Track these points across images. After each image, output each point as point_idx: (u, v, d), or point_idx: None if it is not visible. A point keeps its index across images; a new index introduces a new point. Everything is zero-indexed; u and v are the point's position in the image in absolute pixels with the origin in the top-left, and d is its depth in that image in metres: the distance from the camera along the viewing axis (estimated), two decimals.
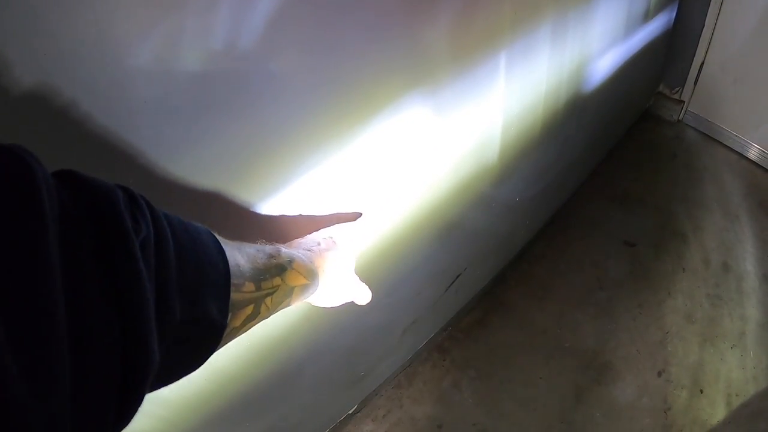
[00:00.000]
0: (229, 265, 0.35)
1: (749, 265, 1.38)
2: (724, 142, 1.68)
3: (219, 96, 0.47)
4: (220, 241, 0.35)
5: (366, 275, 0.63)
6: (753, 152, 1.61)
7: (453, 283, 1.16)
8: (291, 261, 0.45)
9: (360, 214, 0.69)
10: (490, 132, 0.93)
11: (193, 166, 0.49)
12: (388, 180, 0.75)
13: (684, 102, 1.76)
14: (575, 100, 1.18)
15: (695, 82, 1.70)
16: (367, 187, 0.71)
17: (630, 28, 1.27)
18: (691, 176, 1.65)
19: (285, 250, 0.46)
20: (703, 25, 1.55)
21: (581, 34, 1.04)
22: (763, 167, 1.59)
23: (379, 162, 0.71)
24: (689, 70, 1.69)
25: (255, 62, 0.48)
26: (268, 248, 0.44)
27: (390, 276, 0.89)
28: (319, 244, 0.55)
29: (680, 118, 1.80)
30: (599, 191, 1.63)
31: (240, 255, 0.38)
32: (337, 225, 0.62)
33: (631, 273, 1.42)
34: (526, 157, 1.12)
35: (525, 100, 0.98)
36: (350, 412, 1.19)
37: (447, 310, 1.28)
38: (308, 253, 0.51)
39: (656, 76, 1.78)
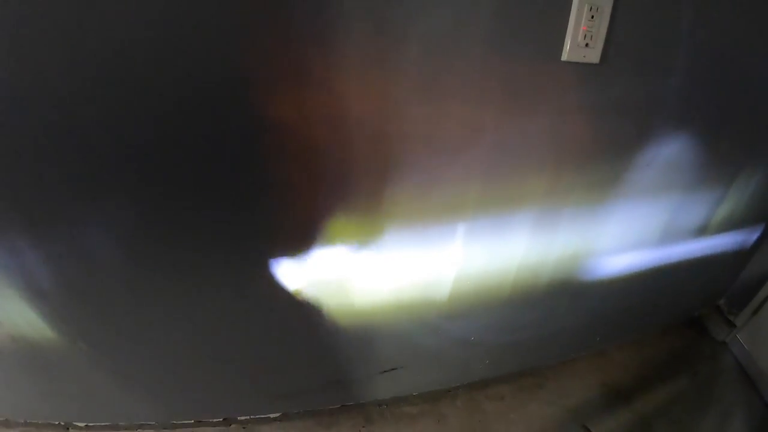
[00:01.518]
0: None
1: None
2: (757, 386, 1.53)
3: None
4: None
5: None
6: None
7: (387, 371, 1.35)
8: None
9: None
10: (439, 277, 1.12)
11: None
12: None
13: (735, 326, 1.64)
14: (565, 283, 1.27)
15: (754, 312, 1.58)
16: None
17: (670, 238, 1.30)
18: (698, 403, 1.53)
19: None
20: None
21: (583, 229, 1.15)
22: None
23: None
24: (753, 299, 1.59)
25: None
26: None
27: None
28: None
29: (725, 339, 1.67)
30: (591, 367, 1.62)
31: None
32: None
33: None
34: (488, 309, 1.25)
35: (487, 265, 1.14)
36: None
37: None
38: None
39: (719, 290, 1.69)
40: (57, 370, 1.04)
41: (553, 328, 1.41)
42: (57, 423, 1.26)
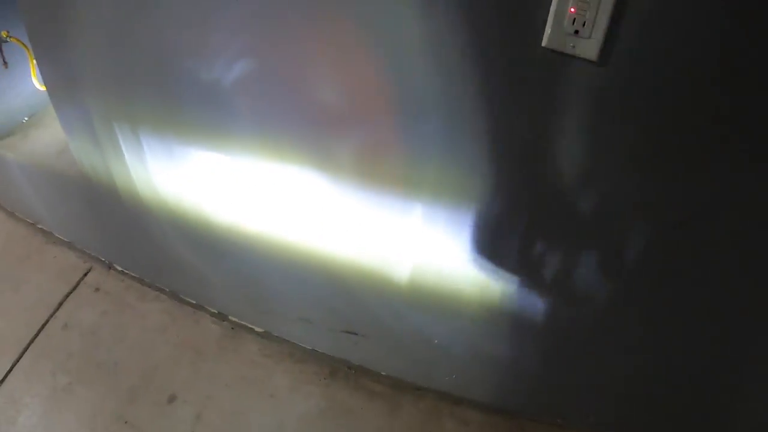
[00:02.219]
0: None
1: None
2: None
3: None
4: None
5: None
6: None
7: (348, 332, 1.34)
8: None
9: None
10: (391, 255, 1.03)
11: None
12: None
13: None
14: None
15: None
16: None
17: None
18: None
19: None
20: None
21: None
22: None
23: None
24: None
25: None
26: None
27: None
28: None
29: None
30: None
31: None
32: None
33: None
34: (455, 317, 1.10)
35: (450, 267, 0.99)
36: None
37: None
38: None
39: None
40: None
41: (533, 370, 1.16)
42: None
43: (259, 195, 1.14)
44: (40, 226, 2.36)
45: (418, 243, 1.00)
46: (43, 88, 2.05)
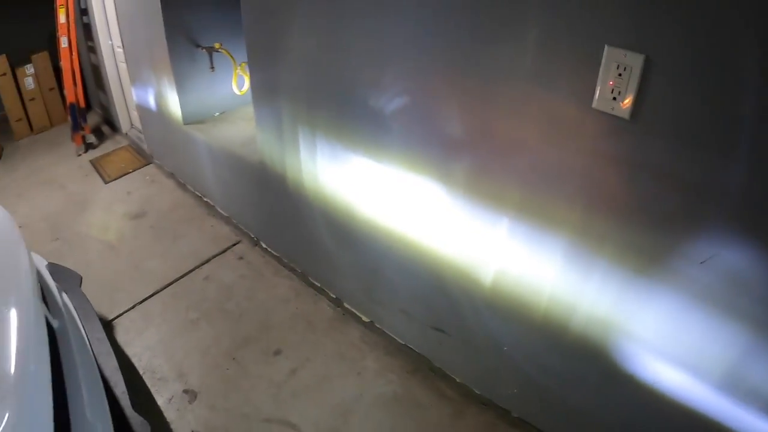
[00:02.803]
0: None
1: None
2: None
3: None
4: None
5: None
6: None
7: (437, 329, 1.78)
8: None
9: None
10: (481, 257, 1.46)
11: None
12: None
13: None
14: (595, 352, 1.31)
15: None
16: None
17: (739, 394, 1.11)
18: None
19: None
20: None
21: (617, 296, 1.21)
22: None
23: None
24: None
25: None
26: None
27: None
28: None
29: None
30: None
31: None
32: None
33: None
34: (520, 324, 1.47)
35: (523, 272, 1.39)
36: None
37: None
38: None
39: None
40: None
41: (583, 406, 1.44)
42: None
43: (393, 196, 1.67)
44: (206, 200, 3.28)
45: (502, 252, 1.41)
46: (240, 93, 2.97)
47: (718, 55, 0.86)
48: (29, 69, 4.92)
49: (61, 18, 4.14)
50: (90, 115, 4.87)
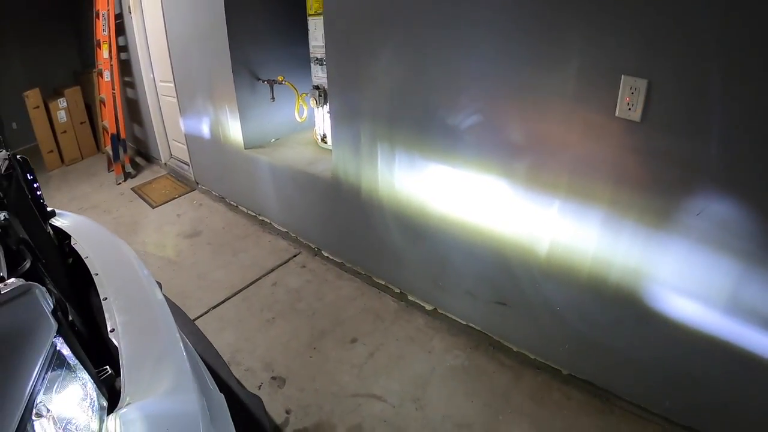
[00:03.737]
0: None
1: None
2: None
3: None
4: None
5: None
6: None
7: (500, 303, 2.50)
8: None
9: None
10: (538, 234, 2.21)
11: None
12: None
13: None
14: (630, 299, 2.02)
15: None
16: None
17: (742, 314, 1.81)
18: None
19: None
20: None
21: (642, 247, 1.94)
22: None
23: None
24: None
25: None
26: None
27: None
28: None
29: None
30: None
31: None
32: None
33: None
34: (570, 284, 2.19)
35: (571, 242, 2.12)
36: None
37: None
38: None
39: None
40: None
41: (621, 348, 2.13)
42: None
43: (464, 193, 2.43)
44: (261, 218, 4.04)
45: (554, 227, 2.14)
46: (300, 120, 3.79)
47: (696, 77, 1.64)
48: (62, 103, 5.80)
49: (105, 54, 5.04)
50: None
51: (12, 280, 1.16)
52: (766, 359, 1.76)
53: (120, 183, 5.12)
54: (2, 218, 1.45)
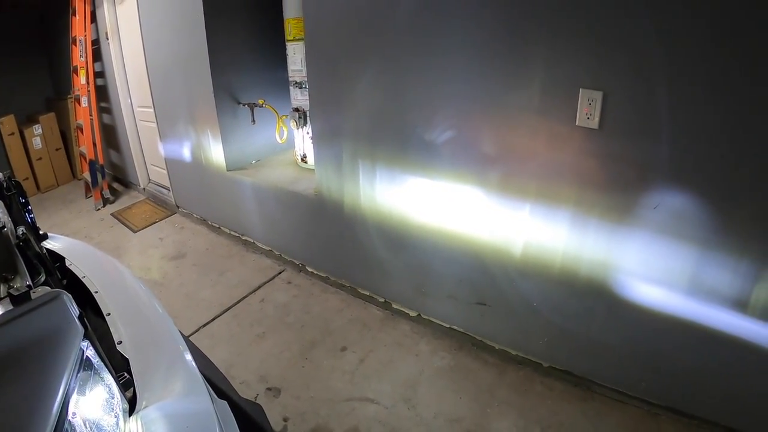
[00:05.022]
0: None
1: None
2: None
3: None
4: None
5: None
6: None
7: (480, 303, 2.68)
8: None
9: None
10: (512, 236, 2.41)
11: None
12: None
13: None
14: (600, 289, 2.23)
15: None
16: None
17: (702, 295, 2.04)
18: None
19: None
20: None
21: (607, 242, 2.16)
22: None
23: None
24: None
25: None
26: None
27: None
28: None
29: None
30: (631, 421, 2.34)
31: None
32: None
33: None
34: (545, 280, 2.40)
35: (543, 242, 2.33)
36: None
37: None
38: None
39: None
40: None
41: (596, 336, 2.34)
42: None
43: (441, 203, 2.62)
44: (244, 238, 4.17)
45: (527, 228, 2.35)
46: (281, 142, 3.96)
47: (644, 87, 1.87)
48: (37, 129, 5.84)
49: (82, 80, 5.13)
50: None
51: (41, 288, 1.28)
52: (727, 334, 1.99)
53: (99, 209, 5.17)
54: (21, 232, 1.54)
